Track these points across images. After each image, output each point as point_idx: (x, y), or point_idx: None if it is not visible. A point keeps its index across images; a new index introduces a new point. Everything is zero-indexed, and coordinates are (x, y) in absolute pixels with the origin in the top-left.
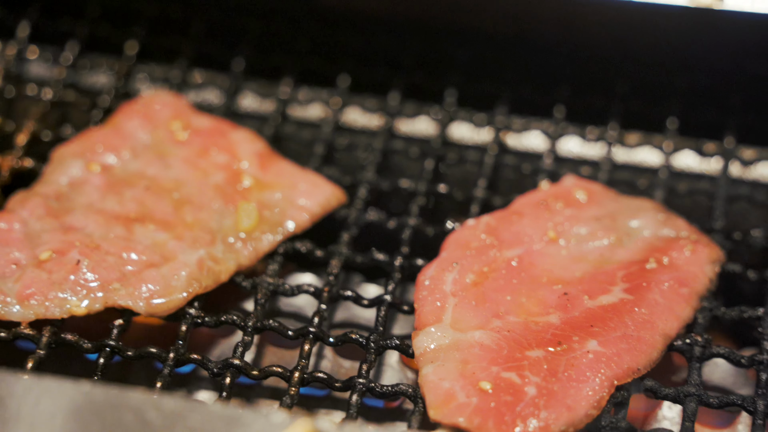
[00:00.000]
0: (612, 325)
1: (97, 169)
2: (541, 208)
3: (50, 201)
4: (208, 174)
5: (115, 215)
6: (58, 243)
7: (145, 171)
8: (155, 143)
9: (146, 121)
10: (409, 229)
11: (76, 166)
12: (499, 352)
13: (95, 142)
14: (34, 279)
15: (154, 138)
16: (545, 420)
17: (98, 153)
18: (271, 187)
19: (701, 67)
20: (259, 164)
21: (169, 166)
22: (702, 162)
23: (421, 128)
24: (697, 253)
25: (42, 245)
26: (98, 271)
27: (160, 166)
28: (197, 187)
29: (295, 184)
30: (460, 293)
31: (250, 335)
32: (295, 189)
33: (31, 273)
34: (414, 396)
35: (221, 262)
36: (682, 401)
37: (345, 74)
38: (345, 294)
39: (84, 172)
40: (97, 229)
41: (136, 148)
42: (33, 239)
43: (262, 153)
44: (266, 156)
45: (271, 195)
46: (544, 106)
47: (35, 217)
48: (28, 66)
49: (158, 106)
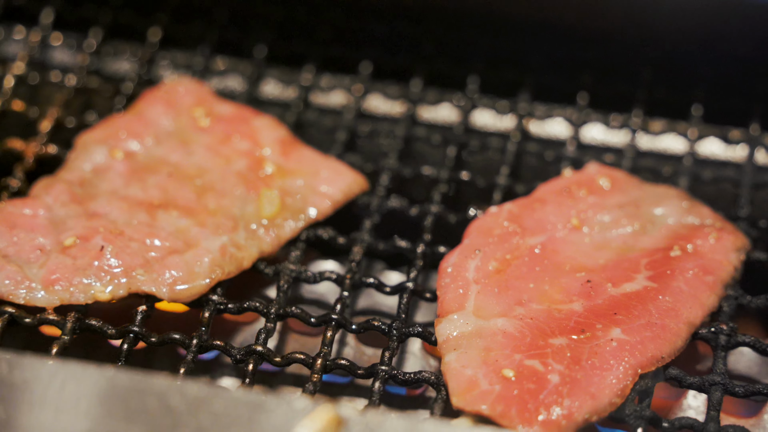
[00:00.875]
0: (636, 312)
1: (120, 156)
2: (564, 195)
3: (74, 187)
4: (231, 161)
5: (138, 202)
6: (83, 229)
7: (168, 157)
8: (178, 130)
9: (169, 108)
10: (431, 217)
11: (99, 153)
12: (522, 339)
13: (119, 129)
14: (59, 265)
15: (176, 125)
16: (568, 408)
17: (122, 139)
18: (293, 174)
19: (727, 54)
20: (281, 151)
21: (191, 153)
22: (727, 149)
23: (443, 115)
24: (721, 241)
25: (66, 231)
26: (122, 257)
27: (182, 153)
28: (220, 174)
29: (318, 171)
30: (483, 280)
31: (273, 322)
32: (317, 176)
33: (56, 259)
34: (436, 383)
35: (244, 248)
36: (707, 390)
37: (367, 61)
38: (367, 281)
39: (108, 159)
40: (120, 215)
41: (159, 135)
42: (57, 225)
43: (284, 140)
44: (288, 143)
45: (293, 182)
46: (567, 93)
47: (60, 204)
48: (51, 52)
49: (181, 93)
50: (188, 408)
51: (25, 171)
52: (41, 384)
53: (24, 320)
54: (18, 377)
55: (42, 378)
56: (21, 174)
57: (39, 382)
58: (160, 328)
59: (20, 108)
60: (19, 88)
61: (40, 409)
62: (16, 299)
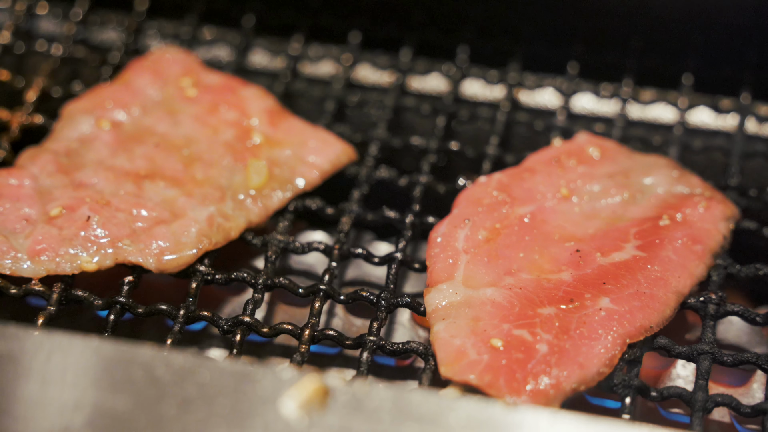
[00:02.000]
0: (624, 282)
1: (107, 126)
2: (554, 165)
3: (61, 157)
4: (218, 131)
5: (125, 172)
6: (69, 199)
7: (155, 128)
8: (165, 100)
9: (156, 78)
10: (420, 187)
11: (86, 123)
12: (511, 309)
13: (105, 99)
14: (45, 235)
15: (164, 94)
16: (556, 377)
17: (108, 109)
18: (281, 144)
19: (717, 22)
20: (269, 121)
21: (179, 123)
22: (717, 118)
23: (432, 85)
24: (711, 210)
25: (52, 201)
26: (108, 227)
27: (170, 123)
28: (207, 144)
29: (306, 141)
30: (473, 250)
31: (261, 293)
32: (305, 146)
33: (42, 229)
34: (425, 354)
35: (231, 218)
36: (696, 359)
37: (356, 30)
38: (356, 252)
39: (94, 129)
40: (107, 185)
41: (146, 105)
42: (43, 195)
43: (272, 110)
44: (276, 113)
45: (281, 152)
46: (557, 63)
47: (46, 174)
48: (37, 22)
49: (168, 63)
50: (174, 378)
51: (10, 141)
52: (27, 355)
53: (10, 291)
54: (3, 348)
55: (28, 349)
56: (6, 144)
57: (25, 353)
58: (148, 298)
59: (6, 78)
60: (5, 57)
61: (26, 380)
62: (2, 269)
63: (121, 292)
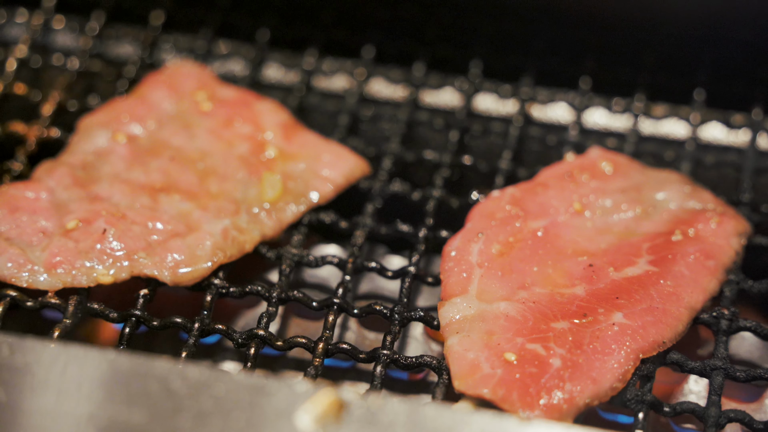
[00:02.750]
0: (637, 297)
1: (123, 140)
2: (567, 179)
3: (77, 170)
4: (233, 145)
5: (140, 185)
6: (85, 212)
7: (170, 141)
8: (180, 113)
9: (171, 92)
10: (433, 201)
11: (102, 136)
12: (525, 323)
13: (121, 113)
14: (62, 248)
15: (179, 108)
16: (570, 392)
17: (124, 123)
18: (295, 158)
19: (729, 38)
20: (283, 135)
21: (194, 137)
22: (729, 134)
23: (445, 99)
24: (723, 226)
25: (69, 214)
26: (124, 240)
27: (185, 137)
28: (222, 158)
29: (319, 155)
30: (486, 264)
31: (275, 306)
32: (318, 160)
33: (58, 242)
34: (438, 368)
35: (246, 232)
36: (709, 375)
37: (370, 45)
38: (369, 265)
39: (110, 142)
40: (123, 198)
41: (162, 119)
42: (60, 208)
43: (286, 124)
44: (290, 127)
45: (295, 166)
46: (569, 78)
47: (62, 187)
48: (54, 36)
49: (183, 77)
50: (190, 391)
51: (27, 154)
52: (43, 367)
53: (26, 303)
54: (20, 360)
55: (44, 361)
56: (23, 157)
57: (41, 366)
58: (162, 311)
59: (22, 91)
60: (22, 71)
61: (42, 392)
62: (19, 282)
63: (137, 305)
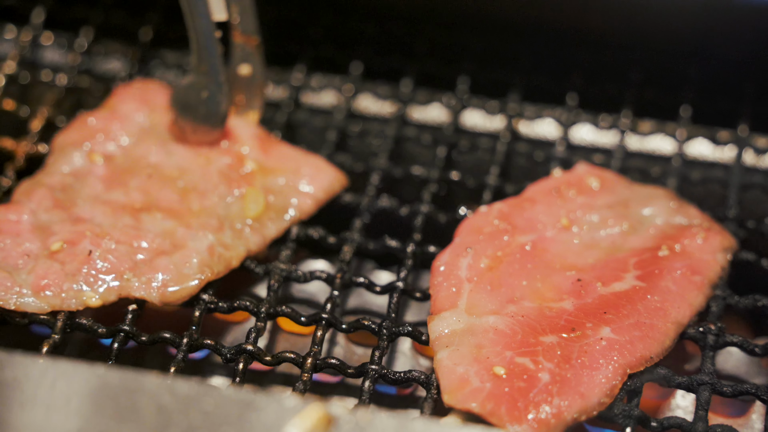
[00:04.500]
0: (625, 312)
1: (99, 161)
2: (554, 195)
3: (56, 192)
4: (211, 160)
5: (121, 205)
6: (69, 234)
7: (147, 158)
8: (153, 127)
9: (143, 105)
10: (421, 216)
11: (78, 156)
12: (514, 337)
13: (95, 129)
14: (48, 270)
15: (152, 121)
16: (558, 407)
17: (99, 141)
18: (274, 172)
19: (715, 55)
20: (260, 148)
21: (171, 153)
22: (715, 150)
23: (433, 115)
24: (709, 241)
25: (52, 236)
26: (110, 261)
27: (162, 153)
28: (201, 174)
29: (299, 168)
30: (475, 278)
31: (263, 321)
32: (298, 174)
33: (44, 264)
34: (426, 383)
35: (231, 248)
36: (696, 390)
37: (358, 61)
38: (357, 280)
39: (86, 163)
40: (105, 219)
41: (136, 133)
42: (43, 230)
43: (261, 136)
44: (265, 139)
45: (274, 180)
46: (556, 94)
47: (43, 209)
48: (42, 52)
49: (154, 91)
50: (179, 406)
51: (16, 170)
52: (32, 382)
53: (14, 319)
54: (8, 375)
55: (32, 376)
56: (12, 173)
57: (29, 381)
58: (151, 326)
59: (11, 107)
60: (10, 87)
61: (30, 407)
62: (6, 305)
63: (125, 320)
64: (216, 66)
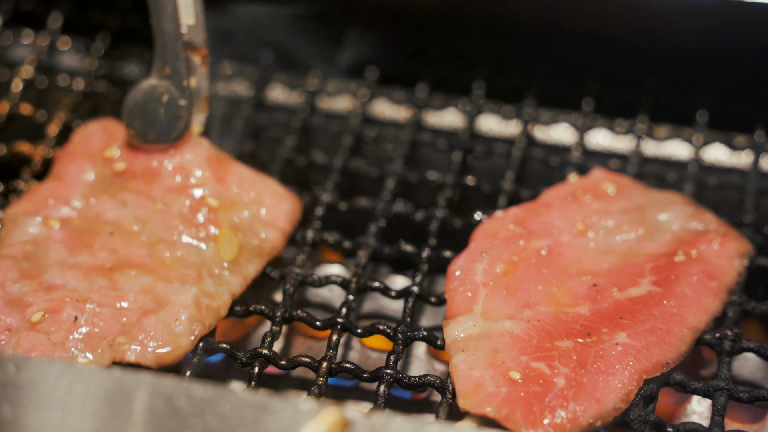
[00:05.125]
0: (641, 317)
1: (56, 225)
2: (570, 200)
3: (20, 262)
4: (167, 203)
5: (91, 267)
6: (46, 302)
7: (103, 216)
8: (100, 181)
9: (84, 161)
10: (436, 221)
11: (33, 225)
12: (529, 341)
13: (44, 198)
14: (34, 342)
15: (96, 174)
16: (573, 412)
17: (51, 207)
18: (236, 206)
19: (731, 60)
20: (215, 177)
21: (125, 204)
22: (732, 156)
23: (448, 120)
24: (725, 247)
25: (29, 307)
26: (98, 325)
27: (115, 207)
28: (162, 223)
29: (260, 197)
30: (491, 283)
31: (279, 325)
32: (261, 204)
33: (28, 336)
34: (441, 387)
35: (216, 296)
36: (712, 395)
37: (373, 66)
38: (373, 285)
39: (43, 229)
40: (78, 283)
41: (85, 193)
42: (17, 303)
43: (211, 159)
44: (217, 162)
45: (239, 214)
46: (572, 99)
47: (11, 281)
48: (59, 57)
49: (90, 138)
50: (194, 409)
51: (32, 174)
52: (48, 385)
53: None
54: (25, 378)
55: (49, 379)
56: (28, 177)
57: (46, 383)
58: None
59: (28, 112)
60: (27, 91)
61: (47, 409)
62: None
63: None
64: (180, 69)
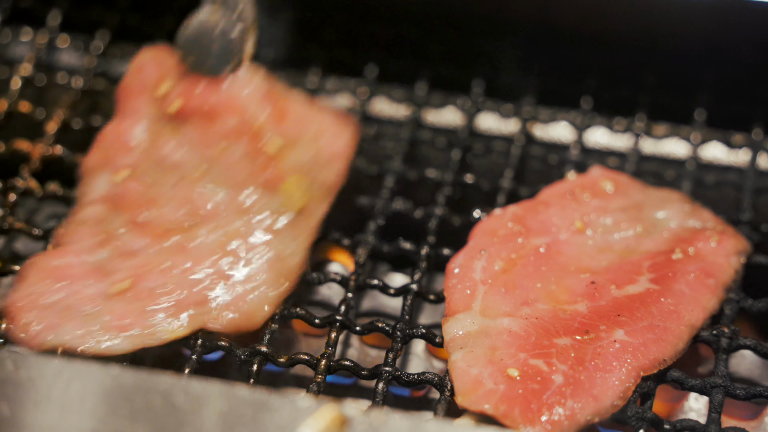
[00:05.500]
0: (638, 314)
1: (124, 175)
2: (568, 198)
3: (95, 227)
4: (229, 145)
5: (162, 227)
6: (127, 270)
7: (166, 160)
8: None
9: (140, 98)
10: (435, 219)
11: (103, 181)
12: (527, 338)
13: (112, 144)
14: (126, 309)
15: (155, 112)
16: (571, 409)
17: (118, 154)
18: (300, 145)
19: (730, 58)
20: (275, 114)
21: (186, 145)
22: (730, 153)
23: (448, 118)
24: (723, 244)
25: (112, 275)
26: (181, 293)
27: (177, 149)
28: (226, 168)
29: (321, 132)
30: (489, 281)
31: (278, 323)
32: (323, 139)
33: (120, 303)
34: (440, 384)
35: (290, 257)
36: (709, 392)
37: (372, 64)
38: (371, 283)
39: (113, 184)
40: (153, 246)
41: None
42: (100, 270)
43: (270, 95)
44: (276, 98)
45: (304, 154)
46: (571, 97)
47: (91, 248)
48: (58, 54)
49: (144, 71)
50: (192, 406)
51: (31, 172)
52: (46, 382)
53: None
54: (23, 375)
55: (47, 376)
56: (27, 175)
57: (44, 381)
58: None
59: (27, 109)
60: (26, 89)
61: (45, 407)
62: (95, 350)
63: None
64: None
